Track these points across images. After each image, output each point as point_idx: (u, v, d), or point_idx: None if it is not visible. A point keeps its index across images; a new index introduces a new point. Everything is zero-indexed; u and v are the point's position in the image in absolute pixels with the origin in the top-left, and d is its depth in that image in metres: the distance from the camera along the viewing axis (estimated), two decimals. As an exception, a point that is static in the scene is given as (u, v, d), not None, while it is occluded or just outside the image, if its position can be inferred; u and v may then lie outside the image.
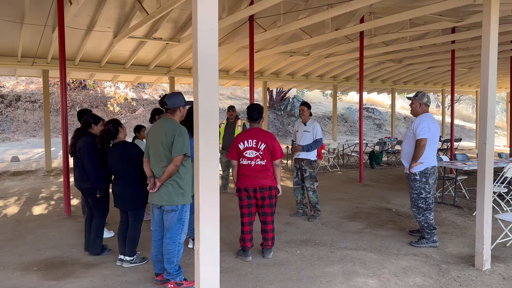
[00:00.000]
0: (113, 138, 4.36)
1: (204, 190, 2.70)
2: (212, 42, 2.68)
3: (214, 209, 2.74)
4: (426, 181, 4.96)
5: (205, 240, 2.71)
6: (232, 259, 4.65)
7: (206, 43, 2.66)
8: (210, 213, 2.72)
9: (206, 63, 2.66)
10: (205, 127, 2.69)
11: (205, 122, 2.69)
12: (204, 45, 2.65)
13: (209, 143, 2.70)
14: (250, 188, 4.51)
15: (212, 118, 2.71)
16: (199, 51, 2.64)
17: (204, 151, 2.68)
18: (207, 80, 2.68)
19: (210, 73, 2.69)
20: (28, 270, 4.36)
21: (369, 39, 10.17)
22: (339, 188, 9.21)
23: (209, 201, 2.72)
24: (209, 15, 2.66)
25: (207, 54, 2.66)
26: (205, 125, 2.69)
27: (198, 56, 2.64)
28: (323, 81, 16.33)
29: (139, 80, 14.38)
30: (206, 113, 2.69)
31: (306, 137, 6.25)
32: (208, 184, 2.70)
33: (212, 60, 2.68)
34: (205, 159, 2.69)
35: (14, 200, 7.88)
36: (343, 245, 5.14)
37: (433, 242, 5.01)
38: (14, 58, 10.37)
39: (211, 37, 2.67)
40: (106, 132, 4.33)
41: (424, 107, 5.09)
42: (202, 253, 2.71)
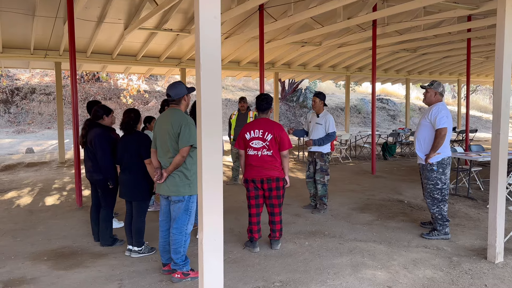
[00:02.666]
0: (135, 126, 4.35)
1: (207, 180, 2.67)
2: (215, 30, 2.63)
3: (217, 199, 2.71)
4: (443, 172, 4.86)
5: (209, 230, 2.69)
6: (240, 250, 4.64)
7: (209, 31, 2.61)
8: (213, 203, 2.69)
9: (208, 52, 2.61)
10: (208, 117, 2.65)
11: (208, 113, 2.65)
12: (207, 34, 2.60)
13: (212, 132, 2.66)
14: (257, 179, 4.48)
15: (215, 109, 2.67)
16: (201, 39, 2.60)
17: (207, 140, 2.65)
18: (209, 70, 2.63)
19: (213, 63, 2.64)
20: (38, 259, 4.42)
21: (382, 28, 9.97)
22: (351, 180, 9.12)
23: (212, 191, 2.68)
24: (211, 3, 2.61)
25: (210, 43, 2.62)
26: (208, 115, 2.65)
27: (200, 45, 2.60)
28: (336, 71, 16.13)
29: (151, 72, 14.41)
30: (209, 103, 2.65)
31: (318, 129, 6.13)
32: (211, 174, 2.67)
33: (215, 48, 2.63)
34: (208, 148, 2.65)
35: (28, 191, 8.00)
36: (352, 237, 5.08)
37: (444, 234, 4.92)
38: (27, 51, 10.47)
39: (213, 25, 2.62)
40: (128, 120, 4.26)
41: (439, 97, 4.98)
42: (205, 244, 2.68)
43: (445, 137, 4.71)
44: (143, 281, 3.81)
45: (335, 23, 9.27)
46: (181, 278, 3.74)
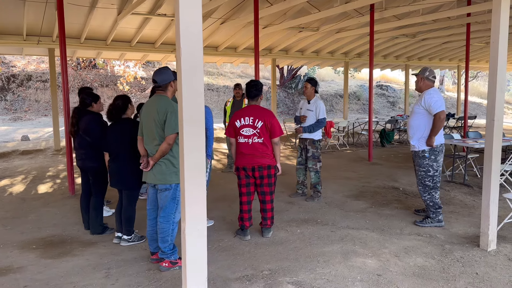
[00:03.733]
0: (122, 114, 4.27)
1: (190, 168, 2.60)
2: (195, 13, 2.53)
3: (200, 188, 2.65)
4: (435, 159, 4.80)
5: (192, 219, 2.63)
6: (230, 238, 4.59)
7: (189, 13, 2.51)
8: (196, 192, 2.63)
9: (189, 36, 2.53)
10: (190, 105, 2.57)
11: (189, 100, 2.57)
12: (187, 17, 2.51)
13: (194, 119, 2.59)
14: (248, 167, 4.41)
15: (197, 96, 2.59)
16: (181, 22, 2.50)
17: (188, 126, 2.57)
18: (190, 54, 2.55)
19: (194, 48, 2.55)
20: (27, 248, 4.38)
21: (380, 13, 9.80)
22: (347, 167, 9.07)
23: (194, 179, 2.62)
24: (191, -17, 2.51)
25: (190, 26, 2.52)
26: (190, 102, 2.57)
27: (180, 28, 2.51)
28: (334, 57, 15.94)
29: (146, 58, 14.24)
30: (190, 90, 2.57)
31: (309, 116, 6.05)
32: (193, 162, 2.60)
33: (195, 32, 2.54)
34: (190, 135, 2.58)
35: (21, 178, 7.95)
36: (345, 225, 5.04)
37: (438, 221, 4.88)
38: (19, 37, 10.31)
39: (194, 8, 2.53)
40: (116, 107, 4.22)
41: (427, 82, 4.88)
42: (188, 233, 2.63)
43: (444, 121, 4.64)
44: (130, 270, 3.77)
45: (332, 7, 9.10)
46: (169, 267, 3.70)
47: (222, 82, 22.81)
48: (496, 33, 3.96)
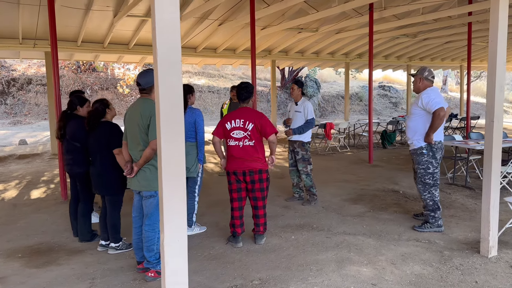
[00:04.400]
0: (101, 118, 4.15)
1: (168, 177, 2.47)
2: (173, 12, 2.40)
3: (179, 197, 2.51)
4: (433, 155, 4.68)
5: (171, 230, 2.50)
6: (222, 245, 4.45)
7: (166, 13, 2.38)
8: (175, 201, 2.49)
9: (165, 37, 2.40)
10: (167, 109, 2.44)
11: (167, 104, 2.43)
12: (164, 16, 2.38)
13: (172, 123, 2.45)
14: (239, 172, 4.27)
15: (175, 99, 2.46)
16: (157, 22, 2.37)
17: (166, 130, 2.44)
18: (167, 56, 2.42)
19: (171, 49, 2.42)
20: (12, 256, 4.25)
21: (379, 13, 9.65)
22: (346, 170, 8.90)
23: (173, 188, 2.49)
24: (167, -19, 2.37)
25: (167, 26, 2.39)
26: (168, 107, 2.44)
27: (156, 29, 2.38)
28: (335, 58, 15.80)
29: (145, 61, 14.15)
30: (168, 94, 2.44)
31: (297, 117, 5.91)
32: (172, 170, 2.47)
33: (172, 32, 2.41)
34: (168, 140, 2.45)
35: (15, 183, 7.85)
36: (341, 230, 4.88)
37: (437, 226, 4.71)
38: (16, 40, 10.24)
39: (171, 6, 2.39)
40: (93, 113, 4.13)
41: (426, 82, 4.74)
42: (167, 244, 2.49)
43: (443, 118, 4.50)
44: (115, 280, 3.63)
45: (330, 8, 8.97)
46: (155, 277, 3.56)
47: (223, 84, 22.70)
48: (494, 32, 3.81)
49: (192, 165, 4.64)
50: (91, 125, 4.09)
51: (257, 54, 13.63)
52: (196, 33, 10.92)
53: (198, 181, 4.79)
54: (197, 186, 4.78)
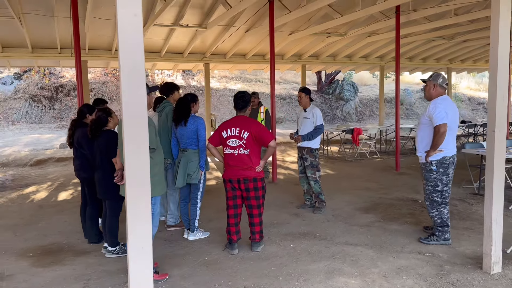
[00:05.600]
0: (103, 127, 4.36)
1: (133, 184, 2.57)
2: (136, 28, 2.51)
3: (144, 204, 2.60)
4: (444, 172, 4.45)
5: (136, 238, 2.60)
6: (219, 251, 4.52)
7: (129, 29, 2.49)
8: (140, 209, 2.59)
9: (129, 51, 2.50)
10: (131, 120, 2.55)
11: (131, 115, 2.54)
12: (127, 32, 2.49)
13: (136, 135, 2.55)
14: (234, 179, 4.33)
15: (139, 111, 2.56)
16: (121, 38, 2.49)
17: (131, 141, 2.54)
18: (131, 70, 2.53)
19: (135, 62, 2.52)
20: (24, 255, 4.55)
21: (406, 15, 9.37)
22: (370, 177, 8.71)
23: (138, 196, 2.59)
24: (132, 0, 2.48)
25: (130, 41, 2.50)
26: (131, 118, 2.54)
27: (120, 44, 2.49)
28: (369, 61, 15.47)
29: (177, 68, 14.54)
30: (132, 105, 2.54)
31: (306, 124, 5.89)
32: (137, 177, 2.57)
33: (136, 47, 2.52)
34: (133, 150, 2.55)
35: (47, 185, 8.34)
36: (343, 240, 4.80)
37: (444, 239, 4.52)
38: (55, 50, 10.89)
39: (134, 23, 2.50)
40: (95, 121, 4.35)
41: (439, 89, 4.54)
42: (132, 252, 2.59)
43: (444, 135, 4.29)
44: (108, 282, 3.80)
45: (354, 11, 8.83)
46: (144, 280, 3.68)
47: (259, 88, 22.84)
48: (495, 36, 3.62)
49: (194, 172, 4.75)
50: (93, 133, 4.30)
51: (287, 59, 13.65)
52: (223, 40, 11.11)
53: (200, 187, 4.89)
54: (199, 192, 4.89)
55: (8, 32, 9.63)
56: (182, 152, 4.84)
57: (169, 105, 5.22)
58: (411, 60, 16.16)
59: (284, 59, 13.66)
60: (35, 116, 19.25)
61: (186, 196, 5.00)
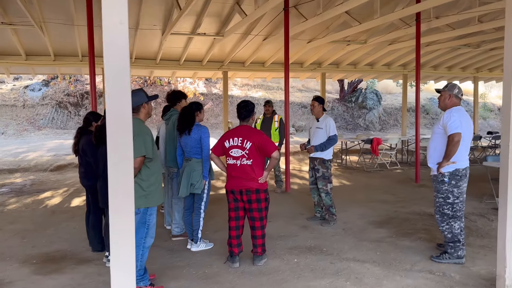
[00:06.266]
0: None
1: (116, 197, 2.50)
2: (121, 36, 2.46)
3: (127, 217, 2.53)
4: (456, 184, 4.25)
5: (118, 251, 2.52)
6: (220, 264, 4.41)
7: (114, 37, 2.45)
8: (122, 222, 2.52)
9: (114, 59, 2.46)
10: (115, 128, 2.49)
11: (115, 123, 2.48)
12: (112, 40, 2.44)
13: (120, 143, 2.49)
14: (236, 190, 4.22)
15: (123, 120, 2.50)
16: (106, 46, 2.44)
17: (114, 153, 2.48)
18: (115, 77, 2.48)
19: (119, 70, 2.47)
20: (27, 262, 4.56)
21: (427, 23, 9.11)
22: (388, 189, 8.44)
23: (121, 207, 2.52)
24: (116, 7, 2.44)
25: (116, 49, 2.45)
26: (115, 126, 2.49)
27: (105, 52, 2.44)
28: (391, 70, 15.13)
29: (197, 76, 14.61)
30: (116, 114, 2.49)
31: (318, 134, 5.73)
32: (120, 190, 2.50)
33: (121, 55, 2.47)
34: (116, 162, 2.49)
35: (63, 191, 8.46)
36: (350, 256, 4.61)
37: (457, 258, 4.27)
38: (76, 58, 11.12)
39: (120, 31, 2.45)
40: (100, 128, 4.32)
41: (454, 100, 4.36)
42: (114, 266, 2.52)
43: (458, 144, 4.09)
44: (103, 293, 3.75)
45: (373, 19, 8.64)
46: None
47: (280, 96, 22.73)
48: (510, 43, 3.41)
49: (197, 182, 4.68)
50: (98, 140, 4.28)
51: (306, 67, 13.51)
52: (240, 49, 11.08)
53: (204, 197, 4.81)
54: (203, 202, 4.80)
55: (31, 41, 9.90)
56: (186, 161, 4.79)
57: (176, 114, 5.18)
58: (435, 69, 15.73)
59: (304, 67, 13.52)
60: (60, 122, 19.74)
61: (190, 206, 4.93)
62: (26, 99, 20.61)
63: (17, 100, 20.52)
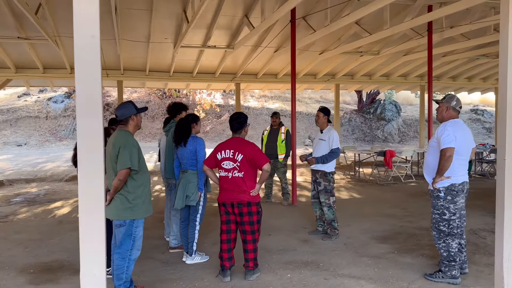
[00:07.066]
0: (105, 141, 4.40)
1: (85, 207, 2.51)
2: (93, 49, 2.48)
3: (97, 228, 2.53)
4: (452, 200, 4.10)
5: (88, 263, 2.52)
6: (212, 277, 4.36)
7: (86, 50, 2.47)
8: (92, 233, 2.52)
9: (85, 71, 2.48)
10: (86, 141, 2.50)
11: (85, 136, 2.50)
12: (83, 53, 2.47)
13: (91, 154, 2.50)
14: (227, 203, 4.19)
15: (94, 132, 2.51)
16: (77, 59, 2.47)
17: (84, 163, 2.50)
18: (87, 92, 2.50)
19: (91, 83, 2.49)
20: (24, 272, 4.62)
21: (440, 33, 8.94)
22: (398, 203, 8.22)
23: (91, 221, 2.52)
24: (88, 21, 2.47)
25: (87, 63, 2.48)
26: (86, 138, 2.50)
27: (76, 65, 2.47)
28: (408, 81, 14.89)
29: (210, 88, 14.74)
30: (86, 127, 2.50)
31: (321, 146, 5.63)
32: (89, 200, 2.51)
33: (93, 67, 2.49)
34: (86, 171, 2.50)
35: (73, 201, 8.59)
36: (347, 272, 4.49)
37: (451, 277, 4.10)
38: (92, 71, 11.39)
39: (91, 45, 2.48)
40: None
41: (452, 112, 4.23)
42: (83, 278, 2.52)
43: (450, 159, 3.95)
44: (91, 305, 3.74)
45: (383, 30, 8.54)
46: (124, 305, 3.60)
47: (298, 108, 22.66)
48: (504, 52, 3.28)
49: (192, 194, 4.67)
50: None
51: (319, 78, 13.44)
52: (250, 61, 11.13)
53: (199, 210, 4.79)
54: (198, 214, 4.79)
55: (48, 54, 10.20)
56: (183, 173, 4.79)
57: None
58: (454, 80, 15.39)
59: (317, 78, 13.46)
60: (81, 133, 20.21)
61: (186, 218, 4.91)
62: (49, 111, 21.22)
63: (40, 112, 21.16)
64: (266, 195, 8.33)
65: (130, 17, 8.58)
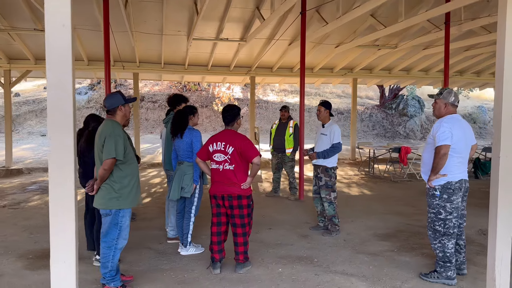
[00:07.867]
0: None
1: (56, 195, 2.53)
2: (64, 38, 2.48)
3: (67, 216, 2.55)
4: (448, 199, 3.94)
5: (58, 251, 2.55)
6: (202, 269, 4.36)
7: (57, 39, 2.48)
8: (62, 221, 2.54)
9: (56, 61, 2.49)
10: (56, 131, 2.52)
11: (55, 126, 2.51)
12: (54, 42, 2.48)
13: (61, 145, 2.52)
14: (218, 196, 4.16)
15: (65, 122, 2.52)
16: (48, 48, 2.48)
17: (54, 152, 2.51)
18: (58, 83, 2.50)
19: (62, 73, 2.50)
20: (24, 257, 4.75)
21: (458, 26, 8.62)
22: (409, 200, 8.02)
23: (60, 207, 2.54)
24: (59, 10, 2.47)
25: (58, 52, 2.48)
26: (56, 128, 2.52)
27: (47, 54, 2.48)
28: (429, 76, 14.45)
29: (226, 81, 14.72)
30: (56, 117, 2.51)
31: (322, 141, 5.53)
32: (59, 188, 2.53)
33: (63, 57, 2.49)
34: (56, 160, 2.52)
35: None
36: (341, 268, 4.40)
37: (446, 278, 3.95)
38: (108, 63, 11.55)
39: (62, 33, 2.48)
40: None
41: (450, 108, 4.06)
42: (53, 266, 2.54)
43: (445, 157, 3.79)
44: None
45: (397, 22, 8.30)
46: (109, 293, 3.64)
47: (316, 102, 22.41)
48: (501, 50, 3.11)
49: (187, 185, 4.67)
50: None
51: (336, 72, 13.22)
52: (264, 54, 11.04)
53: (194, 201, 4.79)
54: (193, 206, 4.79)
55: (65, 46, 10.40)
56: (179, 164, 4.80)
57: (176, 117, 5.21)
58: (479, 75, 14.86)
59: (334, 72, 13.24)
60: (102, 124, 20.61)
61: (181, 209, 4.92)
62: (73, 102, 21.72)
63: (64, 103, 21.68)
64: (274, 189, 8.27)
65: (142, 9, 8.63)
